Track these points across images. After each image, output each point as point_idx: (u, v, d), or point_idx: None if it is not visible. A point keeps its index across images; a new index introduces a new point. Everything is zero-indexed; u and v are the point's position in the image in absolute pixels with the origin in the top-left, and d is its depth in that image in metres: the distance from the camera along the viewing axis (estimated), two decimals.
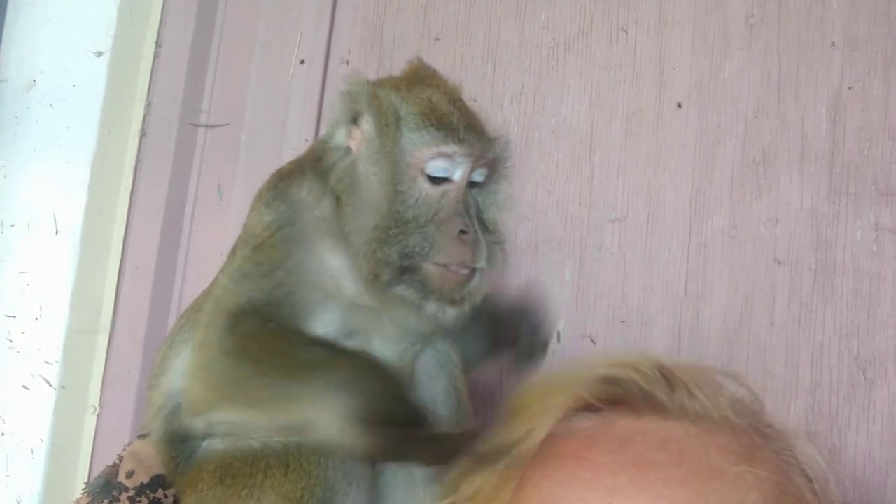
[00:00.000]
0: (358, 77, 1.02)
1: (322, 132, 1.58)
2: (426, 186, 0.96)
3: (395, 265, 0.94)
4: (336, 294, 1.00)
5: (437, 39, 1.60)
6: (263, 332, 0.96)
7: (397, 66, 1.60)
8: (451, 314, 0.97)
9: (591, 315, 1.46)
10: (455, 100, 1.00)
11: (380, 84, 1.02)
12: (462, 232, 0.95)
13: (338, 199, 0.99)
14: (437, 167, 0.96)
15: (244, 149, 1.64)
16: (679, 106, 1.49)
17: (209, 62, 1.68)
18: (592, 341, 1.44)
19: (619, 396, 0.78)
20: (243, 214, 1.08)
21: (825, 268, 1.39)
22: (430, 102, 0.98)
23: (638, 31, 1.52)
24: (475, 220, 0.98)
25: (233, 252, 1.06)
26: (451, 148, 0.95)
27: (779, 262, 1.41)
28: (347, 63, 1.63)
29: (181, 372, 1.06)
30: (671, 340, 1.41)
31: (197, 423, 1.01)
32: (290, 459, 0.93)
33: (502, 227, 1.03)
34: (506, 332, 1.12)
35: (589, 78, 1.53)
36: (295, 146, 1.59)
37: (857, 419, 1.33)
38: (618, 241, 1.47)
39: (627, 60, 1.52)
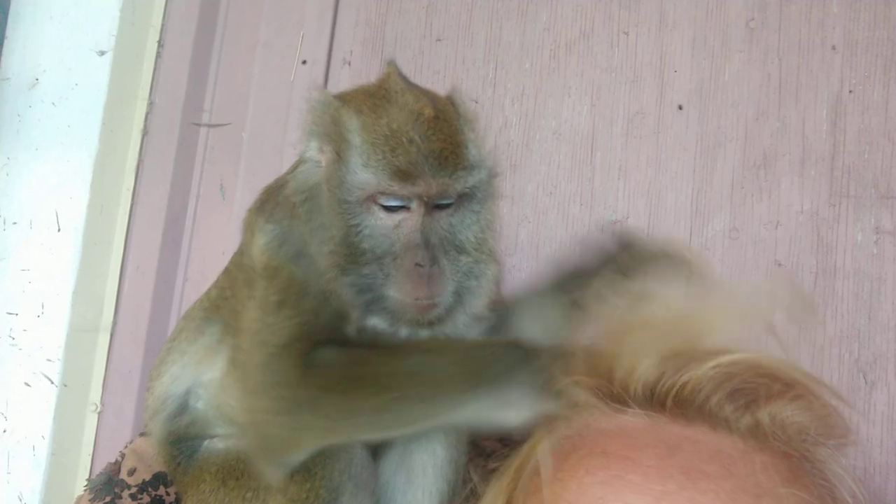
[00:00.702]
0: (322, 94, 0.98)
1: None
2: (381, 215, 0.92)
3: (357, 301, 0.92)
4: None
5: (439, 40, 1.60)
6: (348, 359, 0.91)
7: (399, 66, 1.62)
8: (426, 334, 0.95)
9: None
10: (424, 121, 0.92)
11: (344, 102, 0.97)
12: (418, 265, 0.91)
13: (303, 215, 0.96)
14: (389, 199, 0.92)
15: (246, 148, 1.64)
16: (680, 108, 1.49)
17: (211, 62, 1.68)
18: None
19: (668, 398, 0.76)
20: (245, 214, 1.08)
21: (825, 270, 1.39)
22: (388, 130, 0.91)
23: (639, 34, 1.53)
24: (437, 248, 0.93)
25: (247, 282, 0.99)
26: (399, 188, 0.90)
27: (779, 265, 1.41)
28: (349, 64, 1.63)
29: (176, 379, 1.06)
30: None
31: (282, 467, 0.94)
32: None
33: (485, 245, 0.98)
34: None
35: (590, 80, 1.54)
36: (297, 146, 1.59)
37: (858, 422, 1.33)
38: None
39: (628, 62, 1.53)
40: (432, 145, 0.91)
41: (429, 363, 0.89)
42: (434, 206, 0.93)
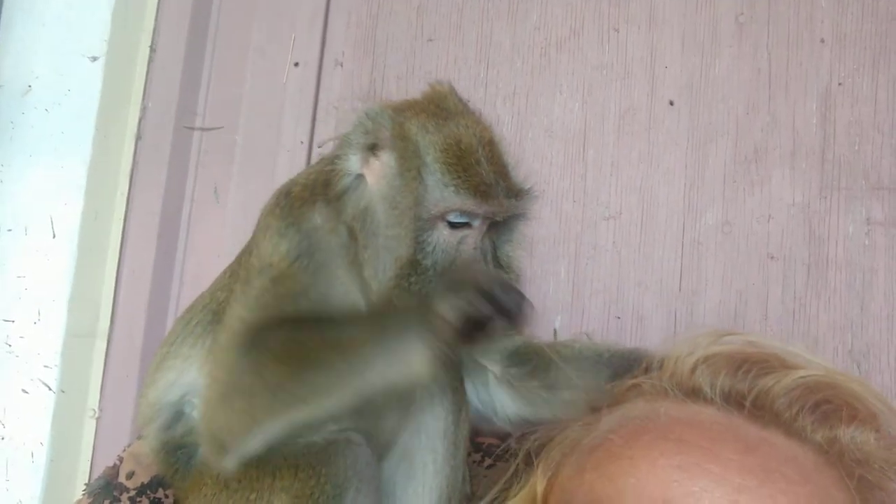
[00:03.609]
0: (379, 105, 1.00)
1: (318, 138, 1.60)
2: (445, 232, 0.95)
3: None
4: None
5: (430, 41, 1.61)
6: (287, 337, 0.92)
7: (391, 67, 1.63)
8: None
9: (587, 311, 1.47)
10: (485, 142, 0.97)
11: (405, 116, 0.98)
12: None
13: (352, 232, 0.98)
14: (458, 216, 0.95)
15: (239, 151, 1.64)
16: (671, 104, 1.50)
17: (203, 65, 1.69)
18: (588, 338, 1.45)
19: (747, 399, 0.78)
20: (239, 216, 1.08)
21: (818, 262, 1.40)
22: (458, 149, 0.95)
23: (629, 30, 1.54)
24: (490, 263, 0.98)
25: (244, 280, 1.00)
26: (476, 208, 0.94)
27: (772, 258, 1.42)
28: (341, 65, 1.64)
29: (172, 385, 1.06)
30: (666, 336, 1.42)
31: (229, 459, 0.95)
32: (300, 460, 0.93)
33: (515, 262, 1.03)
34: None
35: (581, 77, 1.55)
36: (290, 148, 1.60)
37: None
38: (612, 238, 1.48)
39: (619, 59, 1.53)
40: (497, 167, 0.96)
41: (342, 333, 0.91)
42: (491, 223, 0.97)
